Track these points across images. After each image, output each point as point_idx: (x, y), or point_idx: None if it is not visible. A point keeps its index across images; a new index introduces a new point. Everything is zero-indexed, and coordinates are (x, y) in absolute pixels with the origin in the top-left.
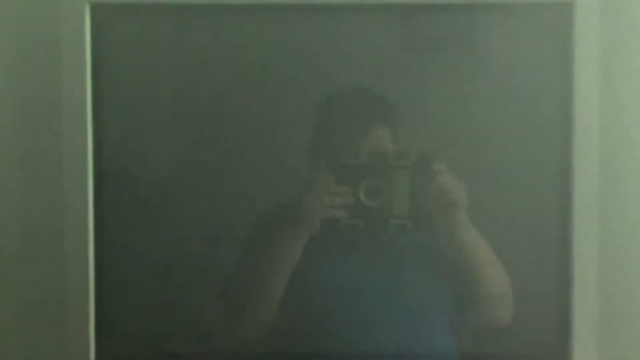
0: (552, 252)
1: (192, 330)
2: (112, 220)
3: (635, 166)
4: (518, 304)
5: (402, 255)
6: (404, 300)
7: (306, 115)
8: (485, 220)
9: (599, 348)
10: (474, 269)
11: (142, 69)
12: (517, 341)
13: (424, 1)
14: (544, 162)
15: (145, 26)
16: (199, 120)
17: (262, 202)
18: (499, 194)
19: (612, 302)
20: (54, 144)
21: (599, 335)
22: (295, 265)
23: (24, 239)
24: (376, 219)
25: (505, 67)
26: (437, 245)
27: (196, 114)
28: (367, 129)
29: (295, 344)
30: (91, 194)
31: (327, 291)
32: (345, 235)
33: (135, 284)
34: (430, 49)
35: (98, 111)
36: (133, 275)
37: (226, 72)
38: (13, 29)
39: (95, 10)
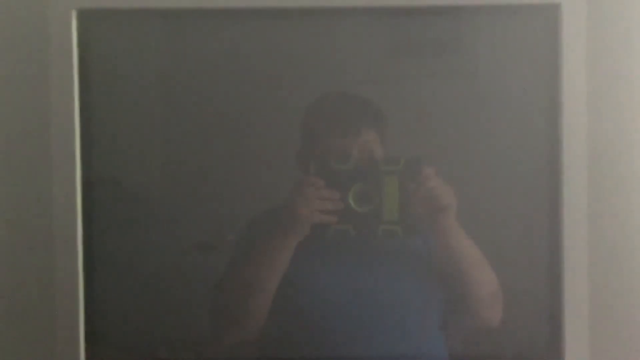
0: (543, 253)
1: (182, 337)
2: (101, 226)
3: (623, 167)
4: (510, 305)
5: (392, 259)
6: (394, 304)
7: (295, 120)
8: (477, 223)
9: (590, 348)
10: (463, 272)
11: (129, 75)
12: (510, 342)
13: (411, 5)
14: (532, 163)
15: (132, 32)
16: (188, 126)
17: (252, 207)
18: (491, 197)
19: (602, 302)
20: (41, 150)
21: (590, 336)
22: (285, 271)
23: (13, 245)
24: (366, 224)
25: (493, 69)
26: (427, 249)
27: (184, 119)
28: (356, 133)
29: (286, 349)
30: (80, 200)
31: (318, 296)
32: (335, 240)
33: (124, 290)
34: (419, 52)
35: (86, 117)
36: (122, 281)
37: (214, 77)
38: None
39: (81, 16)
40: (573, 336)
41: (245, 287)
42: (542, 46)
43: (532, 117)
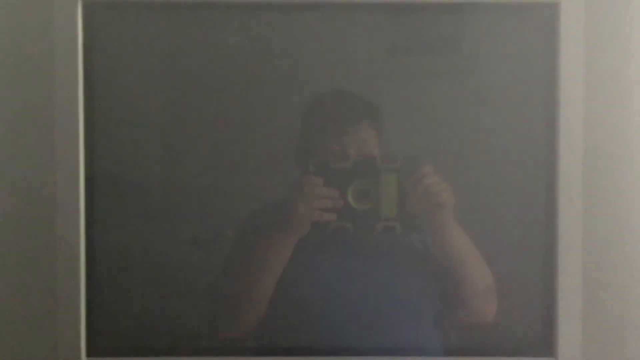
0: (538, 250)
1: (181, 330)
2: (103, 220)
3: (619, 165)
4: (504, 301)
5: (391, 256)
6: (392, 299)
7: (294, 118)
8: (473, 220)
9: (583, 343)
10: (460, 268)
11: (134, 66)
12: (504, 338)
13: (410, 2)
14: (529, 161)
15: (137, 23)
16: (189, 123)
17: (251, 205)
18: (488, 195)
19: (596, 298)
20: (45, 143)
21: (583, 332)
22: (284, 268)
23: (16, 239)
24: (365, 222)
25: (491, 68)
26: (425, 246)
27: (186, 115)
28: (354, 131)
29: (284, 342)
30: (82, 194)
31: (317, 293)
32: (334, 237)
33: (125, 282)
34: (417, 50)
35: (90, 110)
36: (123, 273)
37: (216, 72)
38: (5, 26)
39: (87, 8)
40: (566, 332)
41: (244, 283)
42: (541, 45)
43: (530, 115)
